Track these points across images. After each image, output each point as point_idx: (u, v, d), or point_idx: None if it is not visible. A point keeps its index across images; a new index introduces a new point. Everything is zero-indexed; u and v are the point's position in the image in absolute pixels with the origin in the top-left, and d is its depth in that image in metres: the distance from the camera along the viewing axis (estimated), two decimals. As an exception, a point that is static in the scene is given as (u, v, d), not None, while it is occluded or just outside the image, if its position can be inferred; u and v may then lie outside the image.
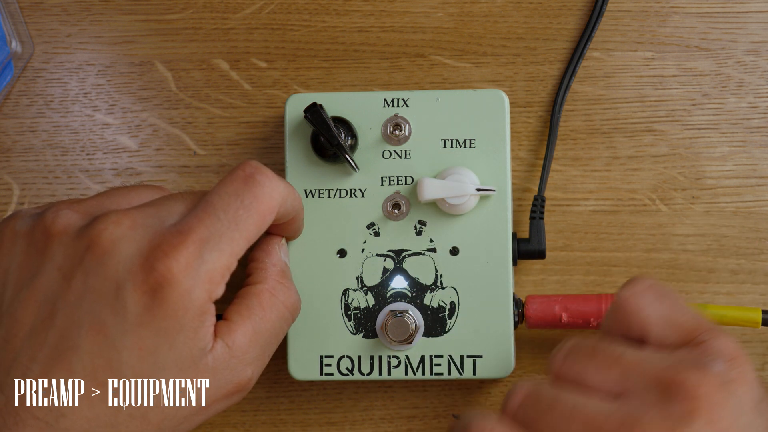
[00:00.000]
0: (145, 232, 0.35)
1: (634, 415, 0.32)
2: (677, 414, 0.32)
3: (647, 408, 0.32)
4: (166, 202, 0.38)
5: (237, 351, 0.37)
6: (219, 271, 0.36)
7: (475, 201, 0.43)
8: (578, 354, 0.36)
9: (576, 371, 0.35)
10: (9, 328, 0.35)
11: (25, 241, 0.37)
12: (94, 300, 0.35)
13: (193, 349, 0.35)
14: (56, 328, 0.35)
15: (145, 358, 0.35)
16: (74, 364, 0.34)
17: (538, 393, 0.35)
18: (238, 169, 0.38)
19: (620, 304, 0.36)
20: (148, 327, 0.34)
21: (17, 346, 0.35)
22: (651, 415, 0.32)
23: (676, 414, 0.32)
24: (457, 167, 0.43)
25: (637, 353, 0.35)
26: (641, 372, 0.34)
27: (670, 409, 0.32)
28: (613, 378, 0.34)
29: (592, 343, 0.36)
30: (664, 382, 0.33)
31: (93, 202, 0.38)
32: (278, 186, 0.38)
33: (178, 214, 0.37)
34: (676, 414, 0.32)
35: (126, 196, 0.39)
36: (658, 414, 0.32)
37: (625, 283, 0.37)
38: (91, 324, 0.34)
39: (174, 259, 0.34)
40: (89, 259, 0.35)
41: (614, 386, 0.34)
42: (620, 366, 0.34)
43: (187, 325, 0.35)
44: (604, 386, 0.34)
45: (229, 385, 0.37)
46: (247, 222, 0.37)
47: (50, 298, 0.35)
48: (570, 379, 0.35)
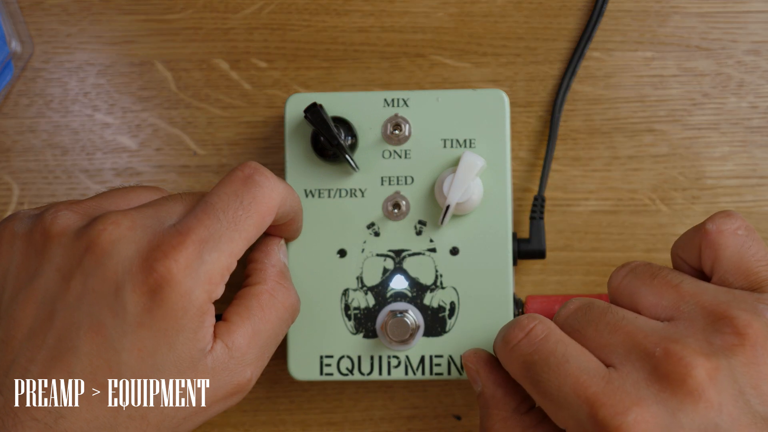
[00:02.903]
0: (144, 233, 0.35)
1: (675, 336, 0.33)
2: (719, 345, 0.32)
3: (692, 332, 0.33)
4: (166, 203, 0.38)
5: (236, 352, 0.37)
6: (218, 271, 0.36)
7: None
8: (638, 274, 0.36)
9: (632, 290, 0.36)
10: (7, 330, 0.35)
11: (24, 242, 0.37)
12: (93, 301, 0.35)
13: (192, 350, 0.35)
14: (55, 329, 0.35)
15: (145, 358, 0.35)
16: (73, 364, 0.34)
17: (590, 305, 0.36)
18: (238, 169, 0.38)
19: (703, 235, 0.36)
20: (148, 328, 0.34)
21: (16, 347, 0.35)
22: (693, 339, 0.33)
23: (718, 344, 0.32)
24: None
25: (696, 283, 0.35)
26: (696, 301, 0.34)
27: (713, 339, 0.33)
28: (667, 302, 0.35)
29: (655, 267, 0.37)
30: (715, 313, 0.33)
31: (92, 203, 0.38)
32: (277, 187, 0.38)
33: (178, 215, 0.37)
34: (718, 344, 0.32)
35: (125, 197, 0.39)
36: (700, 339, 0.33)
37: (716, 214, 0.37)
38: (90, 325, 0.34)
39: (173, 260, 0.34)
40: (88, 259, 0.35)
41: (666, 311, 0.35)
42: (677, 292, 0.35)
43: (187, 326, 0.35)
44: (656, 309, 0.35)
45: (228, 386, 0.37)
46: (247, 222, 0.37)
47: (49, 299, 0.35)
48: (626, 297, 0.36)
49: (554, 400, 0.34)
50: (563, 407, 0.33)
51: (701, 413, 0.31)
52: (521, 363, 0.35)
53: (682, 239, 0.38)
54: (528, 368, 0.35)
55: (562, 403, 0.33)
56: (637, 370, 0.33)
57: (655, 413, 0.31)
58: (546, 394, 0.34)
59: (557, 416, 0.34)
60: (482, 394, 0.38)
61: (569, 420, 0.33)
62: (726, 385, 0.32)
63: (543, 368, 0.34)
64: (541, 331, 0.35)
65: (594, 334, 0.34)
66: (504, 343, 0.36)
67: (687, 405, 0.31)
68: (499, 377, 0.38)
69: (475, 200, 0.43)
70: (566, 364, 0.34)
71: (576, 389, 0.33)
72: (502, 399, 0.37)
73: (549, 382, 0.34)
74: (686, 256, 0.38)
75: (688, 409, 0.31)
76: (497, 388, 0.38)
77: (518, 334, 0.36)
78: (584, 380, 0.33)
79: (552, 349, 0.34)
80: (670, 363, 0.32)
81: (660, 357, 0.32)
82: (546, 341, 0.35)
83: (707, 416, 0.31)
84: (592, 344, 0.34)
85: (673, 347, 0.32)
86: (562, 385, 0.33)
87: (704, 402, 0.31)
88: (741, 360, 0.32)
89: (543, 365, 0.34)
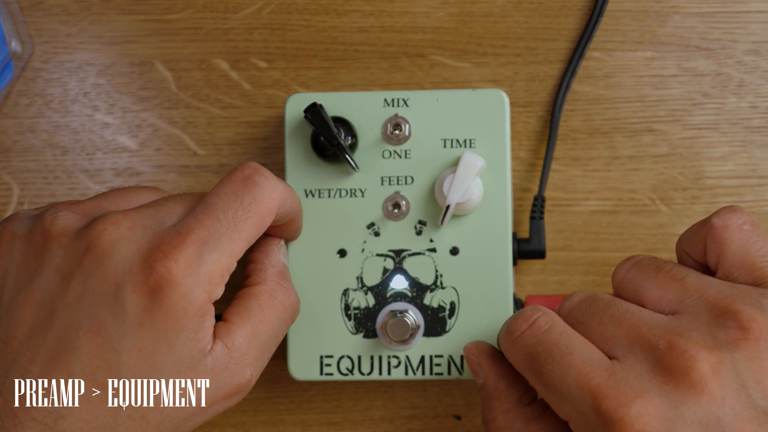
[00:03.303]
0: (144, 233, 0.35)
1: (679, 329, 0.33)
2: (723, 339, 0.32)
3: (696, 326, 0.33)
4: (166, 204, 0.38)
5: (236, 353, 0.37)
6: (218, 271, 0.36)
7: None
8: (643, 268, 0.37)
9: (637, 283, 0.36)
10: (7, 330, 0.35)
11: (24, 242, 0.37)
12: (93, 301, 0.35)
13: (192, 351, 0.35)
14: (55, 330, 0.35)
15: (145, 359, 0.35)
16: (73, 365, 0.34)
17: (594, 297, 0.36)
18: (237, 170, 0.38)
19: (709, 230, 0.36)
20: (148, 328, 0.34)
21: (16, 347, 0.35)
22: (697, 332, 0.33)
23: (722, 338, 0.33)
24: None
25: (701, 278, 0.35)
26: (700, 295, 0.34)
27: (717, 333, 0.33)
28: (671, 296, 0.35)
29: (660, 260, 0.37)
30: (719, 307, 0.33)
31: (92, 203, 0.38)
32: (277, 187, 0.38)
33: (177, 215, 0.37)
34: (722, 338, 0.33)
35: (125, 198, 0.39)
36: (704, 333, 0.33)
37: (722, 209, 0.37)
38: (90, 325, 0.34)
39: (173, 260, 0.34)
40: (88, 260, 0.35)
41: (670, 304, 0.35)
42: (681, 286, 0.35)
43: (187, 326, 0.35)
44: (661, 303, 0.35)
45: (228, 386, 0.37)
46: (247, 223, 0.37)
47: (49, 300, 0.35)
48: (630, 290, 0.36)
49: (557, 392, 0.34)
50: (566, 399, 0.33)
51: (704, 406, 0.31)
52: (525, 354, 0.35)
53: (688, 233, 0.38)
54: (531, 359, 0.35)
55: (565, 394, 0.33)
56: (640, 362, 0.33)
57: (657, 405, 0.31)
58: (549, 386, 0.34)
59: (560, 408, 0.34)
60: (484, 386, 0.38)
61: (572, 412, 0.33)
62: (729, 379, 0.32)
63: (546, 359, 0.34)
64: (544, 323, 0.35)
65: (598, 326, 0.35)
66: (508, 335, 0.36)
67: (690, 398, 0.31)
68: (501, 369, 0.38)
69: (475, 200, 0.43)
70: (569, 356, 0.34)
71: (579, 381, 0.33)
72: (504, 391, 0.37)
73: (552, 373, 0.34)
74: (691, 250, 0.38)
75: (691, 402, 0.31)
76: (499, 380, 0.38)
77: (522, 325, 0.36)
78: (587, 372, 0.33)
79: (555, 341, 0.34)
80: (673, 356, 0.32)
81: (664, 350, 0.32)
82: (550, 333, 0.35)
83: (710, 409, 0.31)
84: (596, 336, 0.34)
85: (677, 340, 0.32)
86: (565, 377, 0.33)
87: (707, 395, 0.31)
88: (744, 354, 0.32)
89: (546, 356, 0.34)
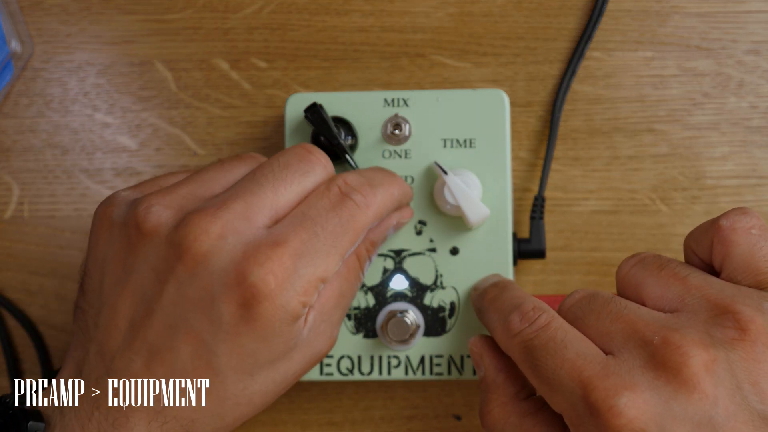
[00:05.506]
0: (236, 240, 0.36)
1: (676, 325, 0.33)
2: (719, 337, 0.32)
3: (693, 323, 0.33)
4: (255, 197, 0.38)
5: (325, 315, 0.39)
6: (314, 283, 0.37)
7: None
8: (647, 265, 0.37)
9: (639, 280, 0.36)
10: (110, 318, 0.37)
11: (121, 232, 0.38)
12: (189, 308, 0.36)
13: (289, 342, 0.37)
14: (153, 328, 0.36)
15: (244, 359, 0.36)
16: (175, 363, 0.36)
17: (594, 295, 0.36)
18: (334, 184, 0.39)
19: (716, 231, 0.36)
20: (245, 335, 0.36)
21: (119, 338, 0.36)
22: (693, 330, 0.33)
23: (718, 337, 0.32)
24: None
25: (703, 277, 0.35)
26: (701, 294, 0.34)
27: (714, 331, 0.33)
28: (672, 294, 0.35)
29: (664, 259, 0.37)
30: (719, 306, 0.33)
31: (186, 190, 0.39)
32: (372, 206, 0.39)
33: (268, 209, 0.37)
34: (718, 337, 0.32)
35: (219, 181, 0.39)
36: (701, 330, 0.33)
37: (731, 211, 0.37)
38: (186, 329, 0.36)
39: (270, 272, 0.35)
40: (180, 269, 0.36)
41: (671, 303, 0.35)
42: (683, 285, 0.35)
43: (284, 330, 0.36)
44: (662, 301, 0.35)
45: (316, 350, 0.39)
46: (343, 239, 0.38)
47: (146, 298, 0.36)
48: (632, 287, 0.36)
49: (550, 384, 0.34)
50: (558, 390, 0.33)
51: (695, 404, 0.31)
52: (522, 348, 0.35)
53: (696, 231, 0.38)
54: (527, 353, 0.35)
55: (557, 386, 0.33)
56: (634, 357, 0.33)
57: (647, 399, 0.31)
58: (542, 378, 0.34)
59: (552, 400, 0.34)
60: (484, 378, 0.39)
61: (563, 403, 0.33)
62: (723, 378, 0.31)
63: (542, 353, 0.34)
64: (543, 319, 0.35)
65: (595, 322, 0.35)
66: (505, 329, 0.36)
67: (681, 394, 0.31)
68: (502, 363, 0.38)
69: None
70: (564, 350, 0.34)
71: (571, 373, 0.33)
72: (503, 384, 0.38)
73: (546, 366, 0.34)
74: (698, 249, 0.38)
75: (682, 399, 0.31)
76: (498, 373, 0.38)
77: (520, 320, 0.36)
78: (580, 364, 0.33)
79: (552, 335, 0.35)
80: (667, 351, 0.32)
81: (658, 345, 0.32)
82: (547, 327, 0.35)
83: (701, 408, 0.31)
84: (593, 332, 0.35)
85: (671, 336, 0.32)
86: (558, 369, 0.33)
87: (699, 393, 0.31)
88: (740, 355, 0.32)
89: (542, 350, 0.34)
